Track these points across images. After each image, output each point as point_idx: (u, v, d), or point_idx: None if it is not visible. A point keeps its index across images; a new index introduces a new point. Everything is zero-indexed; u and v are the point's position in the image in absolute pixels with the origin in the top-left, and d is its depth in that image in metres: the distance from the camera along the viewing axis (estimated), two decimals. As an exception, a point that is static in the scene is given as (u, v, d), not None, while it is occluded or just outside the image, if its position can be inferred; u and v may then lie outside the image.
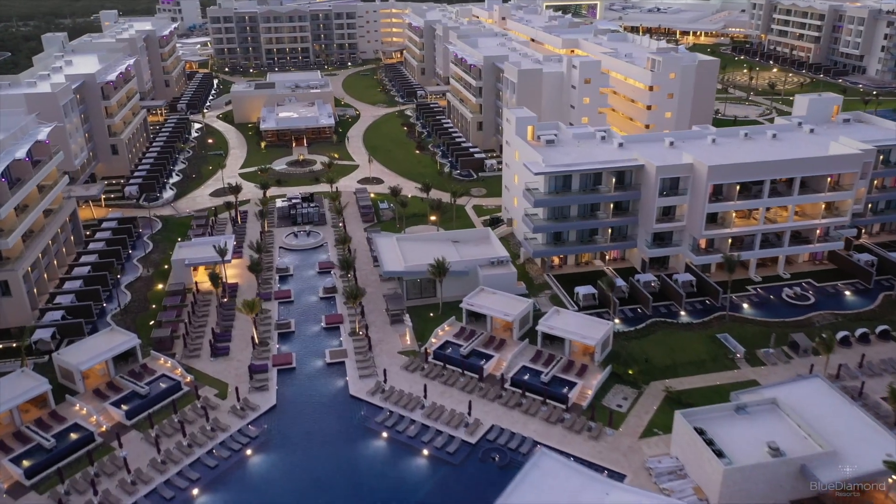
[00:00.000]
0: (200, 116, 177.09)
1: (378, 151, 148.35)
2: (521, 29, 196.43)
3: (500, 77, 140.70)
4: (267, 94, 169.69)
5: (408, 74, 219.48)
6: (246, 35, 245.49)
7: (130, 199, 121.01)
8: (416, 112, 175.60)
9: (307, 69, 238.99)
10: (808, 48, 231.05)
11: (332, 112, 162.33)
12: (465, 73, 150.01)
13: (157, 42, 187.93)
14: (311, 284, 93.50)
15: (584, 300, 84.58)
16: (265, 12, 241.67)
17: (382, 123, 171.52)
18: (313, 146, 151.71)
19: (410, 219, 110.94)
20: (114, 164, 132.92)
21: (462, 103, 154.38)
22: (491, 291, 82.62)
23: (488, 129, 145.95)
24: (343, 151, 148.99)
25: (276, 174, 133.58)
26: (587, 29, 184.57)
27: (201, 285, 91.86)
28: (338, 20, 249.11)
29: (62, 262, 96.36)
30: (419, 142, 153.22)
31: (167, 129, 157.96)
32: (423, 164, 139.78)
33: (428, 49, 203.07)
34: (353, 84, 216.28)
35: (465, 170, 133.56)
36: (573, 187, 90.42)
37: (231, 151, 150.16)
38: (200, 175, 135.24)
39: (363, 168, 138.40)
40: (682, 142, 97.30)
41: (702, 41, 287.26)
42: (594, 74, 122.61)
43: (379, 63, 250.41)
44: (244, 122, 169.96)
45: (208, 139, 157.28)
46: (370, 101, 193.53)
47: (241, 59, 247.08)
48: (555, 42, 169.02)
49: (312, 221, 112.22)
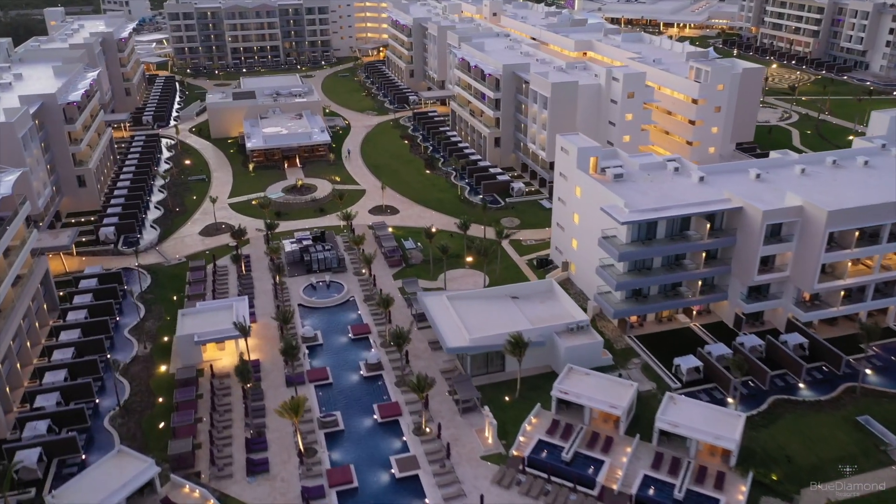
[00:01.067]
0: (172, 131, 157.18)
1: (383, 172, 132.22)
2: (519, 27, 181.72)
3: (521, 88, 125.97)
4: (247, 106, 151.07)
5: (392, 76, 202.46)
6: (208, 33, 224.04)
7: (107, 244, 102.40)
8: (414, 122, 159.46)
9: (278, 70, 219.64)
10: (805, 42, 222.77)
11: (324, 126, 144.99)
12: (477, 82, 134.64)
13: (115, 46, 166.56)
14: (348, 357, 77.74)
15: (688, 374, 71.28)
16: (229, 8, 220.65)
17: (378, 136, 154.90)
18: (308, 167, 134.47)
19: (442, 260, 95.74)
20: (81, 198, 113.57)
21: (474, 116, 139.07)
22: (583, 372, 68.45)
23: (507, 145, 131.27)
24: (343, 173, 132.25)
25: (274, 205, 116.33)
26: (595, 27, 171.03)
27: (216, 364, 75.25)
28: (309, 16, 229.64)
29: (36, 340, 78.23)
30: (427, 159, 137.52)
31: (136, 149, 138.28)
32: (437, 188, 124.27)
33: (417, 49, 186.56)
34: (333, 87, 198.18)
35: (489, 194, 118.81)
36: (658, 234, 76.90)
37: (214, 175, 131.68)
38: (184, 208, 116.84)
39: (371, 193, 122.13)
40: (767, 172, 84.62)
41: (687, 34, 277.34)
42: (638, 87, 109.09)
43: (356, 62, 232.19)
44: (222, 138, 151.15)
45: (185, 160, 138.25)
46: (357, 108, 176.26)
47: (205, 59, 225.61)
48: (564, 43, 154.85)
49: (331, 268, 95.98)
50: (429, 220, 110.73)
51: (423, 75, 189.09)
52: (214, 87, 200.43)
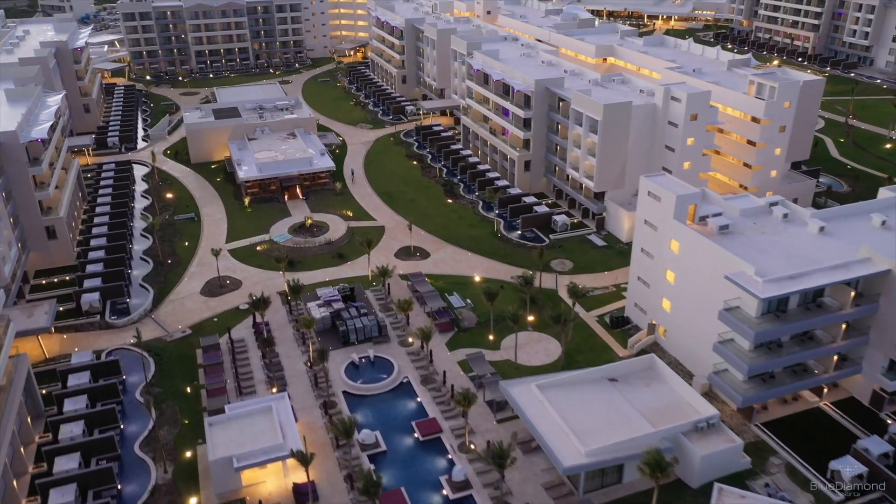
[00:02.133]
0: (144, 154, 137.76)
1: (398, 201, 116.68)
2: (519, 27, 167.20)
3: (555, 105, 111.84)
4: (232, 126, 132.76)
5: (380, 81, 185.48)
6: (169, 35, 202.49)
7: (92, 315, 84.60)
8: (418, 138, 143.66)
9: (249, 75, 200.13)
10: (804, 37, 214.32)
11: (323, 148, 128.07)
12: (500, 97, 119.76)
13: (70, 57, 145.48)
14: (422, 469, 62.95)
15: (851, 481, 58.87)
16: (192, 7, 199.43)
17: (381, 154, 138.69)
18: (312, 198, 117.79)
19: (498, 320, 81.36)
20: (52, 253, 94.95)
21: (495, 134, 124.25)
22: (738, 494, 55.26)
23: (537, 169, 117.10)
24: (352, 204, 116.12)
25: (282, 250, 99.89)
26: (607, 28, 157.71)
27: (259, 490, 59.55)
28: (280, 14, 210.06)
29: (21, 470, 60.89)
30: (444, 184, 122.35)
31: (106, 180, 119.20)
32: (466, 222, 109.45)
33: (410, 53, 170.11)
34: (316, 95, 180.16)
35: (528, 229, 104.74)
36: (790, 304, 64.19)
37: (203, 212, 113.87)
38: (177, 258, 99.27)
39: (392, 230, 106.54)
40: (887, 215, 72.77)
41: (673, 26, 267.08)
42: (702, 108, 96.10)
43: (334, 64, 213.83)
44: (205, 162, 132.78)
45: (166, 193, 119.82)
46: (349, 120, 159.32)
47: (166, 64, 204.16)
48: (581, 48, 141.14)
49: (371, 338, 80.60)
50: (468, 265, 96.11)
51: (418, 81, 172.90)
52: (181, 96, 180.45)
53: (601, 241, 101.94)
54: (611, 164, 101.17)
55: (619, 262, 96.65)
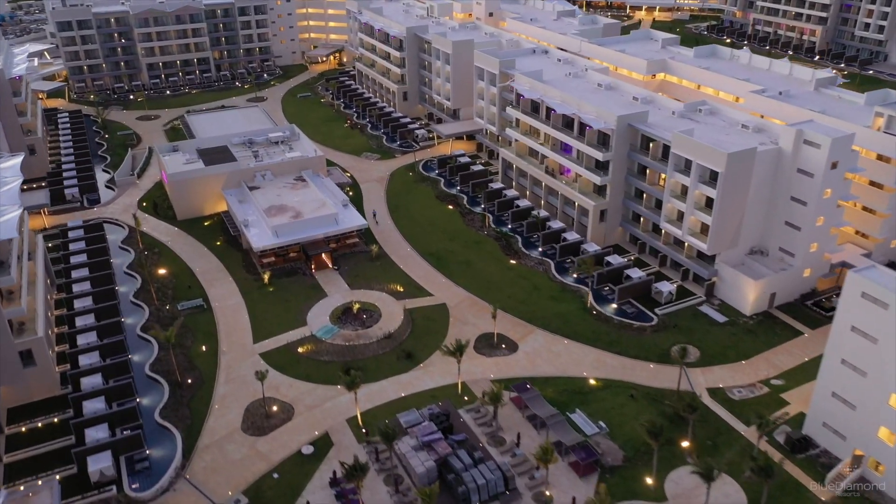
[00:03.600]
0: (114, 208, 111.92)
1: (448, 263, 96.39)
2: (534, 33, 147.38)
3: (637, 144, 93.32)
4: (226, 173, 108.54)
5: (372, 97, 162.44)
6: (114, 45, 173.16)
7: (105, 486, 61.39)
8: (444, 172, 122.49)
9: (212, 90, 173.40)
10: (810, 30, 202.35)
11: (344, 197, 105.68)
12: (562, 132, 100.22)
13: (8, 88, 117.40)
14: None
15: None
16: (141, 13, 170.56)
17: (404, 196, 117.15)
18: (344, 264, 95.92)
19: (640, 446, 63.06)
20: (30, 385, 70.40)
21: (551, 174, 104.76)
22: None
23: (614, 217, 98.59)
24: (395, 272, 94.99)
25: (329, 350, 78.48)
26: (639, 35, 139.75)
27: None
28: (243, 17, 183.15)
29: None
30: (497, 237, 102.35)
31: (77, 255, 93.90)
32: (544, 292, 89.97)
33: (412, 66, 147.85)
34: (300, 114, 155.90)
35: (623, 299, 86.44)
36: None
37: (211, 293, 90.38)
38: (197, 375, 76.18)
39: (456, 308, 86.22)
40: None
41: (658, 17, 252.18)
42: (843, 154, 79.28)
43: (306, 72, 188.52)
44: (195, 219, 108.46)
45: (156, 268, 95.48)
46: (350, 149, 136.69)
47: (112, 80, 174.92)
48: (628, 63, 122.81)
49: (497, 495, 60.73)
50: (571, 360, 77.19)
51: (422, 98, 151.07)
52: (139, 121, 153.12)
53: (718, 313, 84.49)
54: (729, 221, 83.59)
55: (751, 344, 79.54)
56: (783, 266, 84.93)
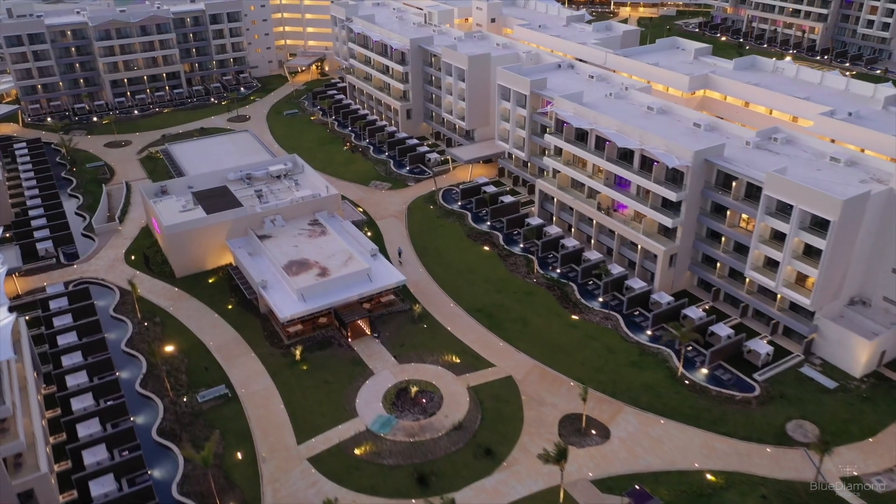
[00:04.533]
0: (99, 264, 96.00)
1: (501, 322, 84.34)
2: (547, 42, 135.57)
3: (713, 181, 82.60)
4: (231, 221, 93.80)
5: (368, 113, 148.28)
6: (72, 61, 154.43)
7: None
8: (470, 205, 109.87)
9: (185, 108, 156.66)
10: (809, 27, 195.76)
11: (373, 246, 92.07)
12: (619, 165, 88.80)
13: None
14: None
15: None
16: (101, 24, 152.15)
17: (430, 235, 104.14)
18: (384, 330, 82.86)
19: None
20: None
21: (605, 212, 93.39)
22: None
23: (683, 261, 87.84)
24: (443, 335, 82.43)
25: (393, 451, 65.85)
26: (665, 44, 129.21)
27: None
28: (215, 25, 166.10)
29: None
30: (550, 285, 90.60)
31: (66, 334, 78.50)
32: (622, 355, 78.63)
33: (416, 81, 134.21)
34: (291, 135, 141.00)
35: (714, 363, 75.96)
36: None
37: (234, 376, 76.21)
38: (239, 495, 62.42)
39: (525, 380, 74.32)
40: None
41: (642, 13, 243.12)
42: (969, 196, 70.17)
43: (287, 84, 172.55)
44: (196, 275, 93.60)
45: (161, 344, 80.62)
46: (355, 176, 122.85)
47: (71, 100, 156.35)
48: (668, 79, 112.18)
49: None
50: (676, 446, 66.26)
51: (428, 116, 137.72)
52: (107, 148, 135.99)
53: (825, 377, 74.67)
54: (835, 272, 73.72)
55: (873, 416, 69.92)
56: (893, 320, 75.61)
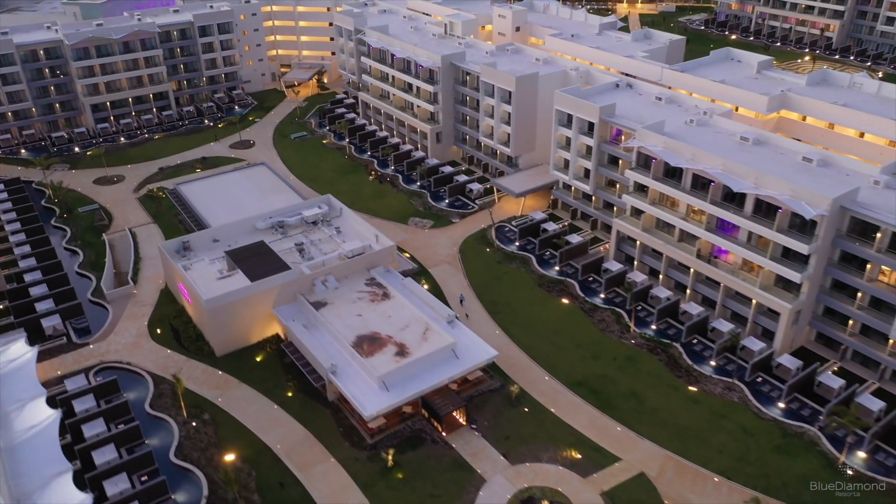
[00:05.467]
0: (119, 344, 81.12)
1: (612, 401, 73.25)
2: (585, 54, 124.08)
3: (845, 229, 72.68)
4: (278, 287, 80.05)
5: (386, 134, 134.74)
6: (45, 84, 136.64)
7: None
8: (533, 246, 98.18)
9: (178, 134, 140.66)
10: (824, 25, 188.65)
11: (448, 311, 79.53)
12: (726, 209, 78.11)
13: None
14: None
15: None
16: (78, 42, 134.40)
17: (497, 285, 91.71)
18: (480, 418, 70.71)
19: None
20: None
21: (708, 261, 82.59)
22: None
23: (805, 317, 77.80)
24: (549, 421, 70.75)
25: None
26: (719, 56, 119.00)
27: None
28: (204, 38, 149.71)
29: None
30: (649, 344, 79.69)
31: (101, 450, 64.07)
32: (760, 439, 68.23)
33: (447, 101, 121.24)
34: (307, 164, 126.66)
35: (872, 444, 66.25)
36: None
37: (317, 491, 63.11)
38: None
39: (668, 484, 63.36)
40: None
41: (641, 10, 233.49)
42: None
43: (285, 100, 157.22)
44: (240, 352, 79.75)
45: (217, 453, 66.93)
46: (390, 213, 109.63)
47: (45, 128, 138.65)
48: (742, 99, 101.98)
49: None
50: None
51: (459, 138, 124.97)
52: (97, 185, 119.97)
53: None
54: None
55: None
56: None
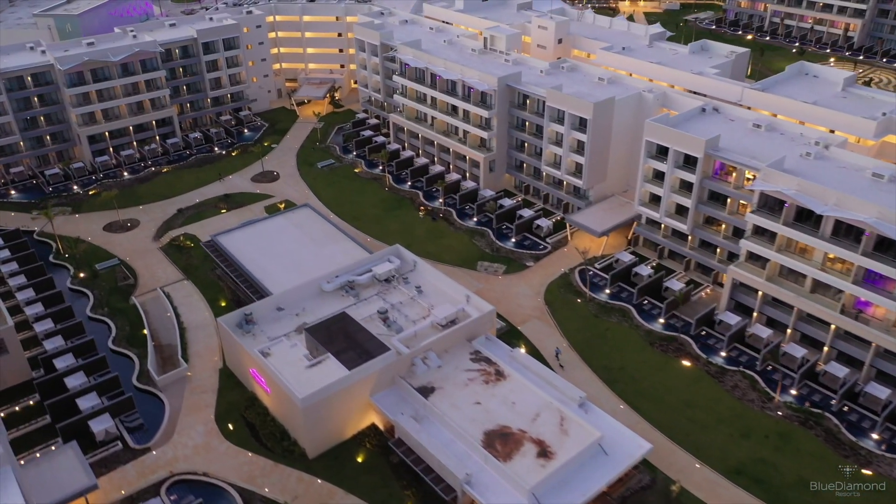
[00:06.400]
0: (193, 459, 68.21)
1: (779, 493, 63.92)
2: (650, 71, 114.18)
3: None
4: (376, 373, 68.04)
5: (427, 161, 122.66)
6: (34, 114, 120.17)
7: None
8: (627, 294, 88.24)
9: (186, 164, 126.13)
10: (845, 24, 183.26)
11: (579, 392, 68.90)
12: (875, 259, 69.47)
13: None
14: None
15: None
16: (73, 67, 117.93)
17: (603, 345, 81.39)
18: (639, 526, 60.90)
19: None
20: None
21: (843, 312, 73.88)
22: None
23: (974, 380, 69.87)
24: (720, 522, 61.23)
25: None
26: (794, 71, 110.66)
27: None
28: (209, 55, 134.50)
29: None
30: (800, 417, 70.59)
31: None
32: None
33: (501, 127, 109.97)
34: (341, 197, 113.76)
35: None
36: None
37: None
38: None
39: None
40: None
41: (645, 8, 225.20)
42: None
43: (298, 121, 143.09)
44: (332, 451, 67.64)
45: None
46: (454, 257, 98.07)
47: (35, 163, 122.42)
48: (835, 121, 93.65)
49: None
50: None
51: (514, 166, 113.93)
52: (108, 233, 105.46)
53: None
54: None
55: None
56: None
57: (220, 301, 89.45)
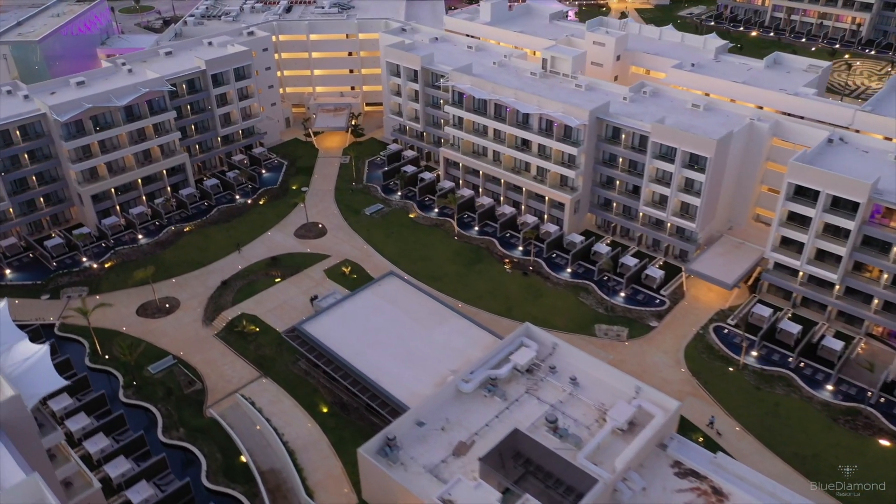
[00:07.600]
0: None
1: None
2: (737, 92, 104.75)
3: None
4: None
5: (493, 202, 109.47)
6: (23, 174, 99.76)
7: None
8: (793, 361, 78.82)
9: (208, 218, 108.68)
10: (851, 18, 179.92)
11: (804, 501, 58.77)
12: None
13: None
14: None
15: None
16: (70, 116, 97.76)
17: (779, 424, 71.55)
18: None
19: None
20: None
21: None
22: None
23: None
24: None
25: None
26: (893, 84, 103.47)
27: None
28: (219, 88, 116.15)
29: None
30: None
31: None
32: None
33: (588, 164, 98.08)
34: (409, 253, 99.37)
35: None
36: None
37: None
38: None
39: None
40: None
41: (635, 5, 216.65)
42: None
43: (318, 155, 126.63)
44: None
45: None
46: (564, 322, 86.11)
47: (27, 231, 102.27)
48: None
49: None
50: None
51: (598, 204, 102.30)
52: (143, 318, 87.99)
53: None
54: None
55: None
56: None
57: (319, 405, 74.63)
